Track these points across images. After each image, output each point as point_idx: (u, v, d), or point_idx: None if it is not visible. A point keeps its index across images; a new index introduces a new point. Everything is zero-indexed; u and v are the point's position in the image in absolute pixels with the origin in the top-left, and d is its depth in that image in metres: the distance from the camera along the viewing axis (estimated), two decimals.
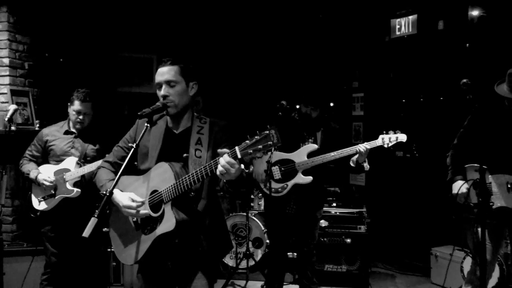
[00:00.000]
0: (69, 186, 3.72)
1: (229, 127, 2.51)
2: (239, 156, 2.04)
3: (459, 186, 3.35)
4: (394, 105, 6.07)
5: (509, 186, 3.24)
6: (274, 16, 6.37)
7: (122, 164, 2.42)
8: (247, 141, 2.03)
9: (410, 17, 5.62)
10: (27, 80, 5.00)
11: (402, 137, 3.77)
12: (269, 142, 2.00)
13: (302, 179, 3.91)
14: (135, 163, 2.55)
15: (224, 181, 2.27)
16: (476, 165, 3.37)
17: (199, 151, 2.39)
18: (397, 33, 5.79)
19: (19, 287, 4.14)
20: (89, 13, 5.70)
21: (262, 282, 5.00)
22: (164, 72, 2.41)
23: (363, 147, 3.70)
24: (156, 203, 2.34)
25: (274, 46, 6.56)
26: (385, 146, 3.77)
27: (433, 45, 5.47)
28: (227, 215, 5.60)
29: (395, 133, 3.78)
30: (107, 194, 2.07)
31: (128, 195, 2.34)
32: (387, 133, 3.79)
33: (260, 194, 5.57)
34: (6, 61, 4.76)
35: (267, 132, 2.01)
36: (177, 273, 2.45)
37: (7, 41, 4.75)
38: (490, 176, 3.31)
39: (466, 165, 3.44)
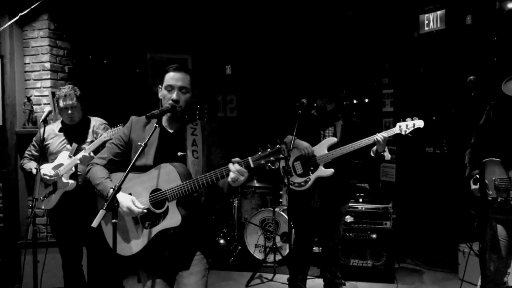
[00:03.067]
0: (64, 179, 3.76)
1: (218, 129, 2.73)
2: (252, 165, 2.34)
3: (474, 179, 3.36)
4: (424, 100, 6.04)
5: None
6: (305, 16, 6.47)
7: (116, 161, 2.69)
8: (260, 153, 2.33)
9: (438, 12, 5.58)
10: (67, 82, 5.33)
11: (419, 123, 3.76)
12: (280, 155, 2.32)
13: (323, 172, 4.01)
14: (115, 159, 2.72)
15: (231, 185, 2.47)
16: (495, 159, 3.36)
17: (196, 152, 2.60)
18: (426, 28, 5.77)
19: (57, 277, 4.40)
20: (127, 18, 5.99)
21: (289, 276, 5.13)
22: (179, 78, 2.60)
23: (380, 136, 3.75)
24: (158, 201, 2.53)
25: (305, 45, 6.66)
26: (403, 133, 3.78)
27: (462, 40, 5.42)
28: (256, 210, 5.76)
29: (412, 119, 3.79)
30: (115, 189, 2.28)
31: (131, 198, 2.53)
32: (404, 120, 3.81)
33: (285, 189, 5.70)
34: (47, 65, 5.10)
35: (278, 146, 2.31)
36: (174, 261, 2.63)
37: (48, 46, 5.10)
38: (510, 171, 3.30)
39: (485, 159, 3.42)
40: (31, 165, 3.94)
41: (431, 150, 5.96)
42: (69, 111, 3.83)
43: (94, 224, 2.11)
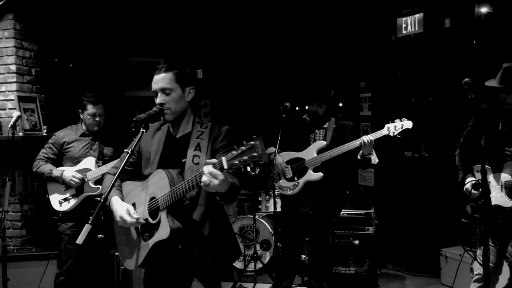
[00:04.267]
0: (92, 184, 3.88)
1: (229, 132, 2.46)
2: (225, 166, 1.96)
3: (469, 184, 3.32)
4: (402, 104, 6.01)
5: (502, 185, 3.20)
6: (280, 18, 6.36)
7: (129, 170, 2.50)
8: (233, 152, 1.95)
9: (416, 15, 5.56)
10: (34, 86, 5.04)
11: (408, 124, 3.72)
12: (254, 154, 1.89)
13: (312, 176, 3.90)
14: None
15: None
16: (480, 166, 3.34)
17: (197, 157, 2.36)
18: (404, 32, 5.74)
19: None
20: (97, 19, 5.74)
21: (270, 285, 4.98)
22: (159, 80, 2.42)
23: (366, 138, 3.67)
24: (154, 209, 2.34)
25: (280, 48, 6.55)
26: (391, 134, 3.74)
27: (440, 43, 5.41)
28: (235, 218, 5.59)
29: (401, 120, 3.74)
30: (101, 200, 2.07)
31: (126, 207, 2.34)
32: (392, 122, 3.75)
33: (268, 197, 5.57)
34: (13, 67, 4.80)
35: (252, 142, 1.91)
36: (180, 279, 2.43)
37: (14, 48, 4.79)
38: (491, 175, 3.28)
39: (474, 166, 3.41)
40: (49, 167, 3.93)
41: (410, 154, 5.93)
42: (97, 118, 3.99)
43: (79, 240, 1.90)
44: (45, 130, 4.88)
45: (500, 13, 4.86)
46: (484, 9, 4.93)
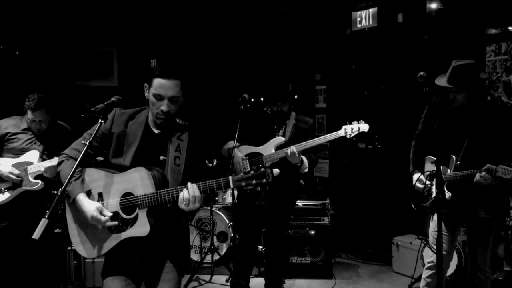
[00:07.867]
0: (31, 178, 3.70)
1: (206, 136, 2.53)
2: (231, 186, 2.18)
3: (415, 179, 3.42)
4: (356, 97, 6.13)
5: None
6: (236, 8, 6.33)
7: (91, 154, 2.43)
8: (242, 174, 2.17)
9: (371, 10, 5.68)
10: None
11: (364, 127, 3.80)
12: (263, 180, 2.17)
13: None
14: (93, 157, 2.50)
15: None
16: (431, 157, 3.45)
17: (178, 158, 2.38)
18: (358, 25, 5.85)
19: None
20: (47, 4, 5.52)
21: (227, 276, 4.99)
22: (170, 87, 2.32)
23: (290, 150, 3.68)
24: (129, 206, 2.32)
25: (236, 39, 6.52)
26: (348, 136, 3.79)
27: (393, 38, 5.54)
28: None
29: (358, 123, 3.80)
30: (59, 194, 2.01)
31: (96, 206, 2.29)
32: (350, 124, 3.81)
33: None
34: None
35: (263, 170, 2.17)
36: (145, 267, 2.43)
37: None
38: (442, 167, 3.38)
39: (426, 157, 3.51)
40: None
41: (363, 145, 6.06)
42: (37, 126, 3.80)
43: (36, 235, 1.84)
44: None
45: (450, 10, 5.02)
46: (435, 6, 5.08)
